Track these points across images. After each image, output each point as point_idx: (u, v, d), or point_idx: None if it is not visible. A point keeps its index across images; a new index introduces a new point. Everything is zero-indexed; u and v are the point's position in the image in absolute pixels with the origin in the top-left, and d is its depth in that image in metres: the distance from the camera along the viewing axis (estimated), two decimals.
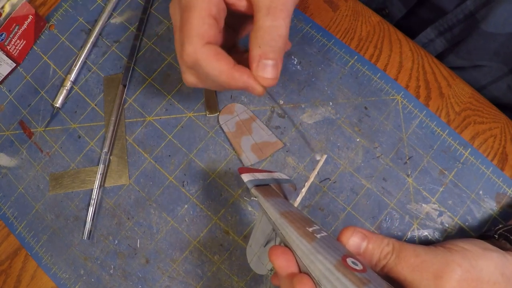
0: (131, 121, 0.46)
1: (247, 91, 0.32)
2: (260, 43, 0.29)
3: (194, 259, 0.41)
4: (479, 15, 0.42)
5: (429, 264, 0.26)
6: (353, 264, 0.23)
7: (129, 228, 0.43)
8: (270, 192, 0.31)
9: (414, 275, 0.26)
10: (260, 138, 0.43)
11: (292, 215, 0.27)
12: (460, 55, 0.47)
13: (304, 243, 0.25)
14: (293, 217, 0.27)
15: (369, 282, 0.22)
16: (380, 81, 0.44)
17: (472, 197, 0.40)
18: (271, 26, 0.29)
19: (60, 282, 0.43)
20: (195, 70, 0.31)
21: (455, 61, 0.48)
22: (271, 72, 0.30)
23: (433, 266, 0.26)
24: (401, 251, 0.27)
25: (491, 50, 0.43)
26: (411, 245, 0.28)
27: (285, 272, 0.25)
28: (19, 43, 0.48)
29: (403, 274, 0.27)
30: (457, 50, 0.47)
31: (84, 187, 0.45)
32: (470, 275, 0.26)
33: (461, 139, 0.42)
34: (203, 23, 0.29)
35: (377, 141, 0.42)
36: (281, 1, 0.29)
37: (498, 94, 0.48)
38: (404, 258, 0.27)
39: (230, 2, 0.32)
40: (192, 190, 0.43)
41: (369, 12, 0.47)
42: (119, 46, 0.49)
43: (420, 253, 0.27)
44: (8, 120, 0.48)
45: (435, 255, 0.27)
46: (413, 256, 0.27)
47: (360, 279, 0.22)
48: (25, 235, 0.44)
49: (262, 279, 0.40)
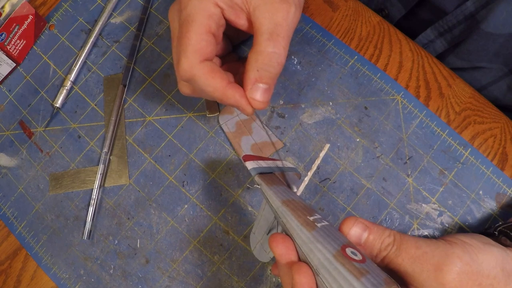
0: (131, 121, 0.46)
1: (237, 109, 0.32)
2: (259, 67, 0.30)
3: (194, 259, 0.42)
4: (479, 16, 0.42)
5: (429, 256, 0.26)
6: (352, 254, 0.23)
7: (129, 228, 0.43)
8: (273, 180, 0.31)
9: (414, 266, 0.26)
10: (260, 138, 0.43)
11: (294, 203, 0.27)
12: (460, 56, 0.47)
13: (304, 231, 0.25)
14: (294, 206, 0.27)
15: (367, 273, 0.22)
16: (380, 81, 0.44)
17: (472, 197, 0.40)
18: (272, 53, 0.29)
19: (60, 282, 0.43)
20: (191, 84, 0.32)
21: (455, 62, 0.48)
22: (264, 96, 0.31)
23: (434, 258, 0.26)
24: (402, 243, 0.27)
25: (491, 51, 0.43)
26: (413, 237, 0.28)
27: (284, 260, 0.25)
28: (19, 43, 0.48)
29: (403, 265, 0.27)
30: (457, 51, 0.47)
31: (84, 187, 0.45)
32: (470, 268, 0.26)
33: (461, 139, 0.42)
34: (201, 40, 0.29)
35: (377, 141, 0.42)
36: (284, 28, 0.30)
37: (498, 95, 0.48)
38: (405, 250, 0.27)
39: (230, 19, 0.32)
40: (192, 190, 0.43)
41: (369, 12, 0.47)
42: (119, 46, 0.49)
43: (421, 245, 0.27)
44: (8, 120, 0.48)
45: (436, 247, 0.27)
46: (414, 248, 0.27)
47: (359, 270, 0.22)
48: (25, 235, 0.44)
49: (262, 279, 0.40)
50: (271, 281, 0.40)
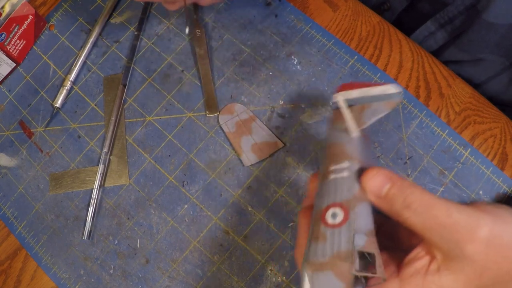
0: (131, 121, 0.46)
1: None
2: None
3: (194, 259, 0.42)
4: (480, 6, 0.41)
5: (460, 226, 0.24)
6: (332, 217, 0.23)
7: (129, 228, 0.43)
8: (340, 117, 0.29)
9: (443, 234, 0.24)
10: (260, 138, 0.43)
11: (337, 146, 0.27)
12: (461, 47, 0.46)
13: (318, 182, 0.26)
14: (334, 149, 0.27)
15: (325, 240, 0.23)
16: (380, 81, 0.44)
17: (472, 197, 0.40)
18: None
19: (60, 282, 0.43)
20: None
21: (456, 53, 0.47)
22: None
23: (465, 228, 0.24)
24: (430, 208, 0.24)
25: (492, 42, 0.43)
26: (442, 201, 0.25)
27: (306, 203, 0.28)
28: (19, 43, 0.48)
29: (428, 233, 0.24)
30: (458, 42, 0.46)
31: (84, 187, 0.45)
32: (499, 241, 0.24)
33: (461, 139, 0.42)
34: None
35: (377, 141, 0.42)
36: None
37: (499, 89, 0.48)
38: (434, 217, 0.24)
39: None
40: (192, 190, 0.43)
41: (369, 12, 0.47)
42: (119, 46, 0.49)
43: (452, 212, 0.24)
44: (8, 120, 0.48)
45: (468, 216, 0.24)
46: (445, 216, 0.24)
47: (318, 235, 0.23)
48: (25, 235, 0.44)
49: (262, 279, 0.40)
50: (271, 281, 0.40)
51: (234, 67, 0.46)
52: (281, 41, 0.46)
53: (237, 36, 0.47)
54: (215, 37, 0.47)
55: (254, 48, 0.46)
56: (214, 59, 0.47)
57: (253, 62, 0.46)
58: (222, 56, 0.47)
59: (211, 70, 0.46)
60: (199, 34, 0.47)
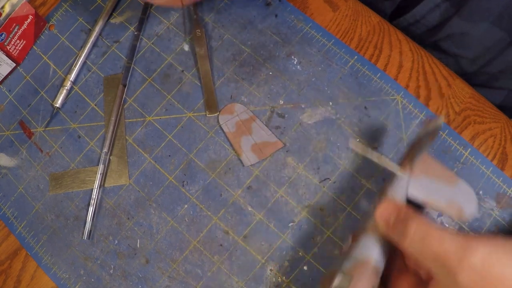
0: (131, 121, 0.46)
1: None
2: None
3: (194, 259, 0.42)
4: None
5: (451, 254, 0.24)
6: None
7: (129, 228, 0.43)
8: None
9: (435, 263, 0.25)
10: (260, 138, 0.43)
11: None
12: (464, 17, 0.45)
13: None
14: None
15: None
16: (380, 81, 0.44)
17: None
18: None
19: (60, 282, 0.43)
20: None
21: (459, 24, 0.46)
22: None
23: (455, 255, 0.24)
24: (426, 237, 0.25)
25: (494, 11, 0.43)
26: (438, 231, 0.25)
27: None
28: (19, 43, 0.48)
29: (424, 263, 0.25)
30: (460, 12, 0.46)
31: (84, 187, 0.45)
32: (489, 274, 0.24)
33: (461, 139, 0.42)
34: None
35: (377, 141, 0.42)
36: None
37: (502, 68, 0.48)
38: (429, 246, 0.25)
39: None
40: (192, 190, 0.43)
41: (369, 12, 0.47)
42: (119, 46, 0.49)
43: (445, 240, 0.25)
44: (8, 120, 0.48)
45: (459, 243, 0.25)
46: (438, 245, 0.25)
47: None
48: (25, 235, 0.44)
49: (262, 279, 0.40)
50: (271, 281, 0.40)
51: (234, 67, 0.46)
52: (281, 41, 0.46)
53: (237, 36, 0.47)
54: (215, 37, 0.47)
55: (254, 48, 0.46)
56: (214, 59, 0.47)
57: (253, 62, 0.46)
58: (222, 56, 0.47)
59: (211, 70, 0.46)
60: (199, 34, 0.47)
